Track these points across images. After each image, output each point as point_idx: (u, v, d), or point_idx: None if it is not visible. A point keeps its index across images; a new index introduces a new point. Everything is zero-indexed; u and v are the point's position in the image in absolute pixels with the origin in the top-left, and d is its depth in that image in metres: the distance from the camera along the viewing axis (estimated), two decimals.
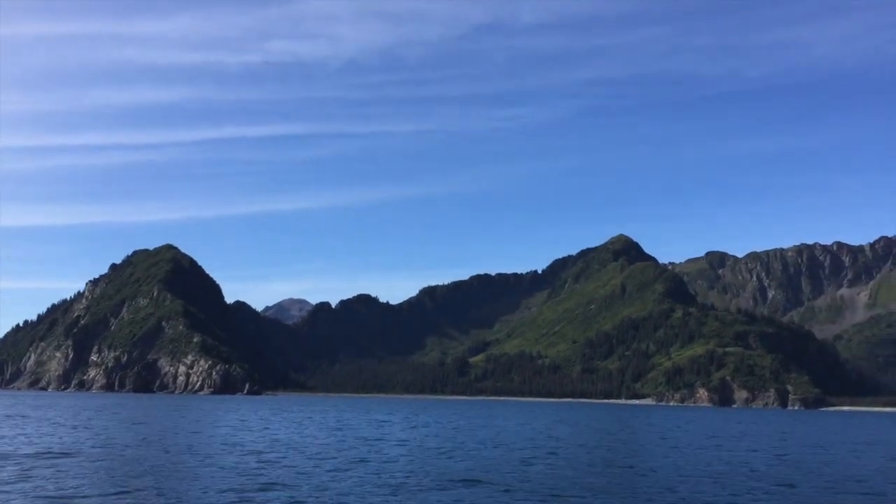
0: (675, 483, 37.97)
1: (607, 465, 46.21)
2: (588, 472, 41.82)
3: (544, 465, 45.46)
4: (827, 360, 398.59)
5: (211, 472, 38.22)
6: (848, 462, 53.42)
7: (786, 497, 34.67)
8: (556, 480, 37.75)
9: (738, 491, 35.94)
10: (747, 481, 39.79)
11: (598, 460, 49.31)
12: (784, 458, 55.88)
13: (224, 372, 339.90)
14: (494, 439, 66.93)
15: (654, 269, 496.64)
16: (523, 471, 41.75)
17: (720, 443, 71.28)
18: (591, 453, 54.73)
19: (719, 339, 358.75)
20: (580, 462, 47.60)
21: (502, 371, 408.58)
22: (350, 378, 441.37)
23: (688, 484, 37.81)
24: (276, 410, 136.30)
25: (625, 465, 47.21)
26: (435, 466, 42.66)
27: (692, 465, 47.68)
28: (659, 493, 34.53)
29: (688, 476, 41.20)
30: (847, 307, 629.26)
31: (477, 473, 39.74)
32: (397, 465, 43.38)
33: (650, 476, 40.89)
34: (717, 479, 39.98)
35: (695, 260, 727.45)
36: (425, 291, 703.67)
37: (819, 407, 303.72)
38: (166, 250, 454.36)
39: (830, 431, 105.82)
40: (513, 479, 37.68)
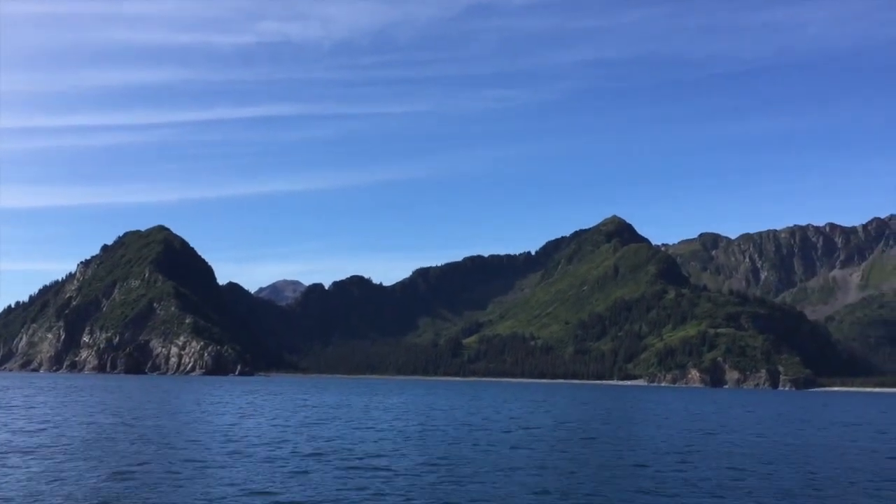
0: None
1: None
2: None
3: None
4: (818, 340, 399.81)
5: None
6: (751, 443, 52.43)
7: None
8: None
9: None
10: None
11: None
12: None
13: (216, 353, 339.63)
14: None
15: (647, 250, 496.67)
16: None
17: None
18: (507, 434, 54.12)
19: (711, 320, 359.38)
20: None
21: (495, 352, 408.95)
22: (343, 359, 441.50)
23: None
24: (250, 391, 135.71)
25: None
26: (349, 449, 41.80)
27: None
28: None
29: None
30: (839, 288, 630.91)
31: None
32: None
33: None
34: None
35: (688, 241, 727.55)
36: (418, 273, 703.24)
37: (810, 387, 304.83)
38: (158, 231, 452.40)
39: (788, 411, 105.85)
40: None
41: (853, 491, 31.27)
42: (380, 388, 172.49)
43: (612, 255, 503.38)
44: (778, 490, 30.66)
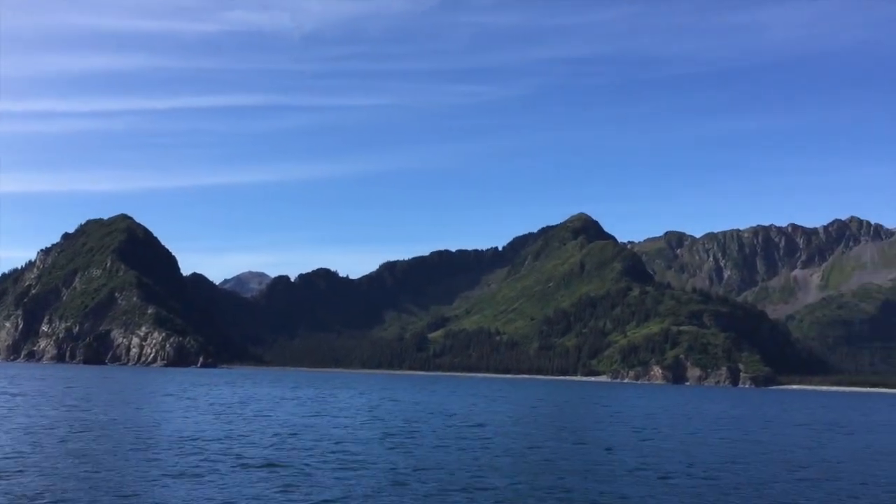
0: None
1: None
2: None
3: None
4: (778, 339, 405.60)
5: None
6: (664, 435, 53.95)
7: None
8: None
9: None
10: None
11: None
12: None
13: (178, 344, 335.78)
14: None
15: (612, 247, 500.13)
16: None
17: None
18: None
19: (675, 318, 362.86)
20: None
21: (460, 347, 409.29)
22: (308, 352, 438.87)
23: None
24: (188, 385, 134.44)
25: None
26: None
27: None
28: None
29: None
30: (800, 288, 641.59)
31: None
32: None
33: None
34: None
35: (653, 239, 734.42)
36: (385, 266, 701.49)
37: (769, 385, 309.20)
38: (121, 220, 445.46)
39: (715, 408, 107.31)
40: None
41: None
42: (331, 382, 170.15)
43: (579, 251, 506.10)
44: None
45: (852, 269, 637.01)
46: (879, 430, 69.55)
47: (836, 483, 34.27)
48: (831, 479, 35.32)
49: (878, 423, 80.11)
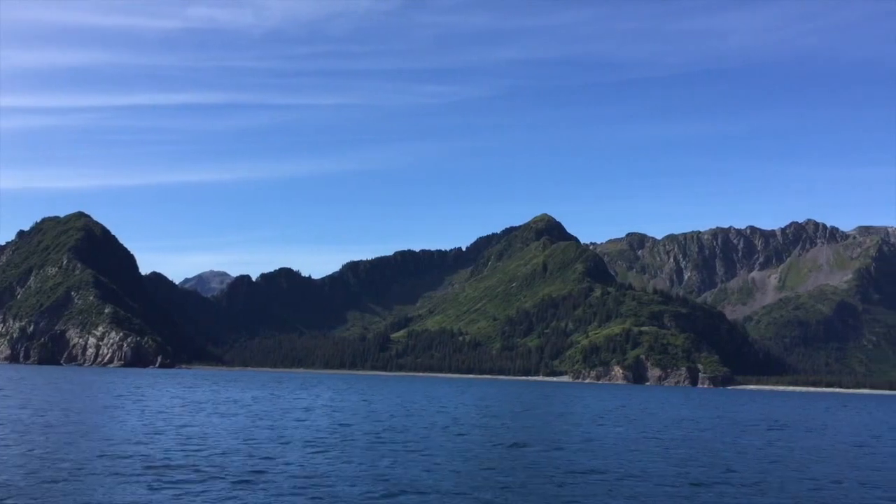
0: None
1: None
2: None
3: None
4: (736, 340, 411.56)
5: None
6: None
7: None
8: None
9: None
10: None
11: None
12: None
13: (135, 345, 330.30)
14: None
15: (575, 248, 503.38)
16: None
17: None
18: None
19: (635, 319, 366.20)
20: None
21: (423, 347, 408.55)
22: (269, 352, 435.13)
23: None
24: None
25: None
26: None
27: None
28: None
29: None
30: (758, 289, 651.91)
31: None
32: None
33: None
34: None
35: (615, 240, 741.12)
36: (348, 266, 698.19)
37: (727, 385, 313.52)
38: (77, 218, 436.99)
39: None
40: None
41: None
42: (285, 383, 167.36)
43: (542, 252, 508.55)
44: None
45: (808, 270, 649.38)
46: (806, 429, 70.29)
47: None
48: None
49: (814, 423, 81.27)
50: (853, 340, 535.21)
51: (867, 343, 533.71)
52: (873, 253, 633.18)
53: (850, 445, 53.80)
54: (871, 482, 35.31)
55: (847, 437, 61.95)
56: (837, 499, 30.43)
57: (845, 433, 66.42)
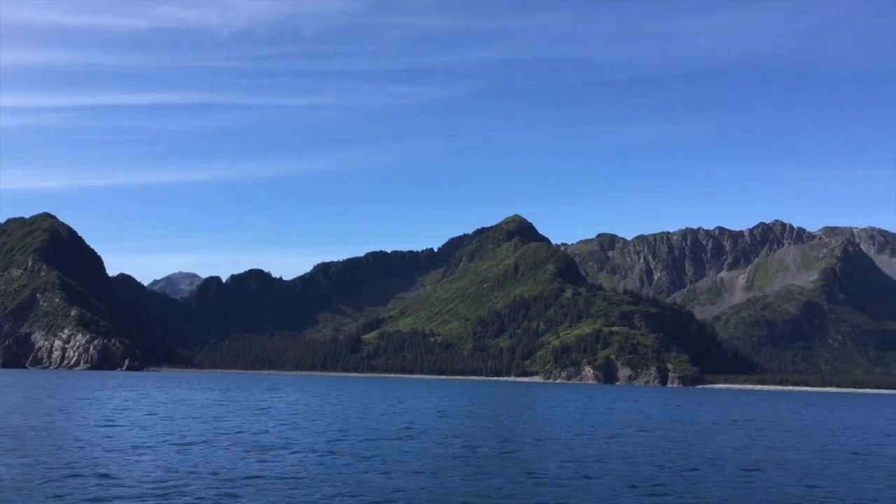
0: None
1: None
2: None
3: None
4: (705, 339, 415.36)
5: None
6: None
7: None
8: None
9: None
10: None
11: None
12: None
13: (102, 347, 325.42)
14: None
15: (546, 249, 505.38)
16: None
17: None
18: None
19: (606, 319, 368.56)
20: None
21: (395, 348, 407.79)
22: (239, 354, 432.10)
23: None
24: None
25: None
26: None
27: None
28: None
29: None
30: (726, 289, 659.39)
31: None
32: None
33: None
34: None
35: (586, 241, 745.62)
36: (319, 268, 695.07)
37: (696, 384, 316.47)
38: (43, 219, 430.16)
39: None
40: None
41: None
42: (249, 385, 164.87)
43: (513, 253, 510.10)
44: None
45: (776, 271, 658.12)
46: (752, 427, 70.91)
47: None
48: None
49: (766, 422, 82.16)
50: (819, 340, 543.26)
51: (833, 342, 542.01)
52: (839, 253, 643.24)
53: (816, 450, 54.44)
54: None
55: (820, 438, 62.63)
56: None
57: (815, 434, 67.18)
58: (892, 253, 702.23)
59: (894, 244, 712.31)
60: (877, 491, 32.25)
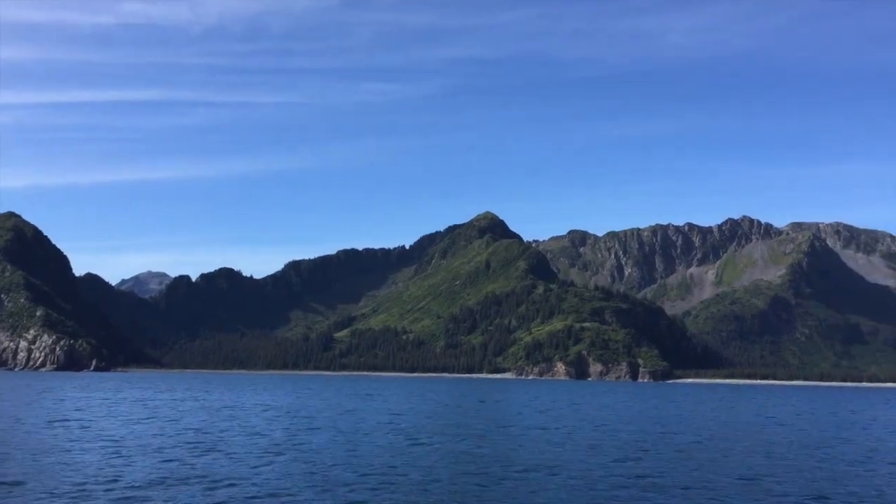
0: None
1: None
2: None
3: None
4: (675, 334, 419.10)
5: None
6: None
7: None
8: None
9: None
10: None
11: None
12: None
13: (69, 348, 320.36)
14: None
15: (518, 246, 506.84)
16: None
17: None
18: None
19: (577, 315, 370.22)
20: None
21: (367, 346, 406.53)
22: (210, 354, 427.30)
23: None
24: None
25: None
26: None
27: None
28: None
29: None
30: (696, 285, 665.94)
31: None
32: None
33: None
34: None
35: (558, 238, 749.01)
36: (290, 266, 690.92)
37: (666, 379, 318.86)
38: (7, 218, 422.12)
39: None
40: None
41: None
42: (216, 384, 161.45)
43: (485, 250, 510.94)
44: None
45: (744, 266, 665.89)
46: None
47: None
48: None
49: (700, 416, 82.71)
50: (787, 334, 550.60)
51: (800, 336, 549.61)
52: (805, 248, 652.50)
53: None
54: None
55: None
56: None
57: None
58: (857, 248, 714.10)
59: (859, 239, 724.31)
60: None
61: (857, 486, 30.89)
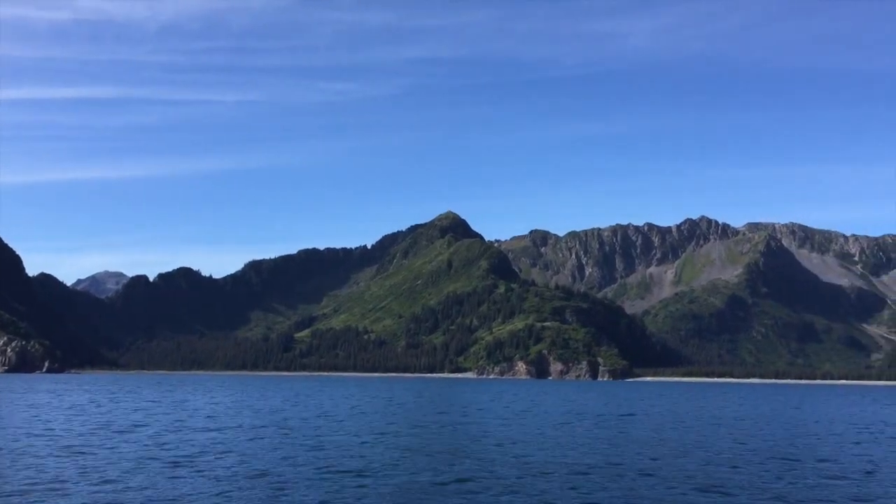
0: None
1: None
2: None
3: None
4: (635, 333, 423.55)
5: None
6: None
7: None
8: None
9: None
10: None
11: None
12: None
13: (20, 349, 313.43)
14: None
15: (479, 245, 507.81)
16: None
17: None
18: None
19: (538, 314, 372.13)
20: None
21: (328, 346, 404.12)
22: (167, 354, 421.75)
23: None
24: None
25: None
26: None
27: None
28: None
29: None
30: (655, 284, 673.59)
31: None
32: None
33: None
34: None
35: (519, 238, 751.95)
36: (250, 266, 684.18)
37: (626, 378, 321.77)
38: None
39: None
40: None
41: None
42: (162, 386, 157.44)
43: (446, 249, 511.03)
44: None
45: (702, 265, 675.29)
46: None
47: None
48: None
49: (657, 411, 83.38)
50: (743, 332, 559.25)
51: (756, 334, 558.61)
52: (762, 248, 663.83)
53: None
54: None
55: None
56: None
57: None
58: (811, 248, 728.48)
59: (814, 239, 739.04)
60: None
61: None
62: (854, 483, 30.66)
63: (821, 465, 35.93)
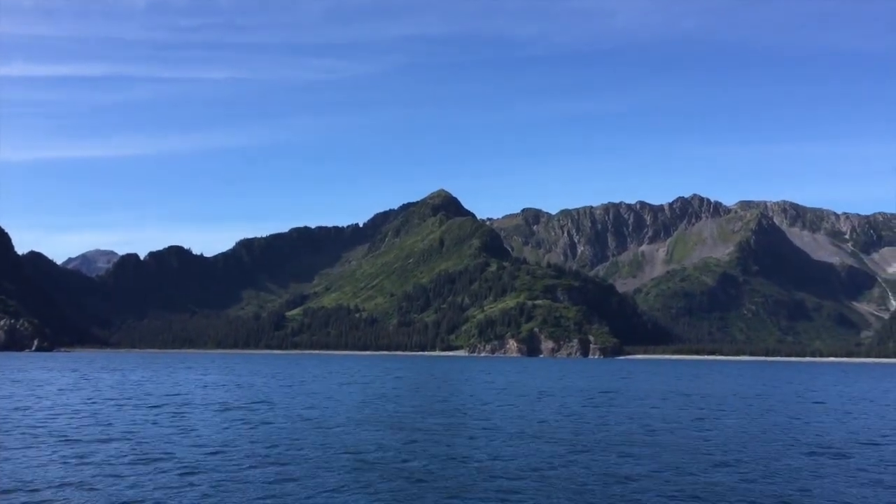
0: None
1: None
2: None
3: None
4: (626, 311, 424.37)
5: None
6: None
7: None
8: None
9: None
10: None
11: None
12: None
13: (9, 327, 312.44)
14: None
15: (471, 224, 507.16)
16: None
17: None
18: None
19: (529, 293, 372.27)
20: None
21: (319, 325, 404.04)
22: (158, 333, 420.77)
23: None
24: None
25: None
26: None
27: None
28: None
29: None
30: (647, 262, 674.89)
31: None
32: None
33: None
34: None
35: (511, 216, 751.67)
36: (242, 244, 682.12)
37: (617, 356, 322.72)
38: None
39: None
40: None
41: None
42: (150, 365, 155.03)
43: (438, 228, 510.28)
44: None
45: (694, 244, 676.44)
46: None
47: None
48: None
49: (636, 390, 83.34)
50: (734, 310, 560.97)
51: (747, 312, 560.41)
52: (753, 226, 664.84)
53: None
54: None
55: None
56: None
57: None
58: (803, 226, 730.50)
59: (805, 217, 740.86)
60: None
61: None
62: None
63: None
